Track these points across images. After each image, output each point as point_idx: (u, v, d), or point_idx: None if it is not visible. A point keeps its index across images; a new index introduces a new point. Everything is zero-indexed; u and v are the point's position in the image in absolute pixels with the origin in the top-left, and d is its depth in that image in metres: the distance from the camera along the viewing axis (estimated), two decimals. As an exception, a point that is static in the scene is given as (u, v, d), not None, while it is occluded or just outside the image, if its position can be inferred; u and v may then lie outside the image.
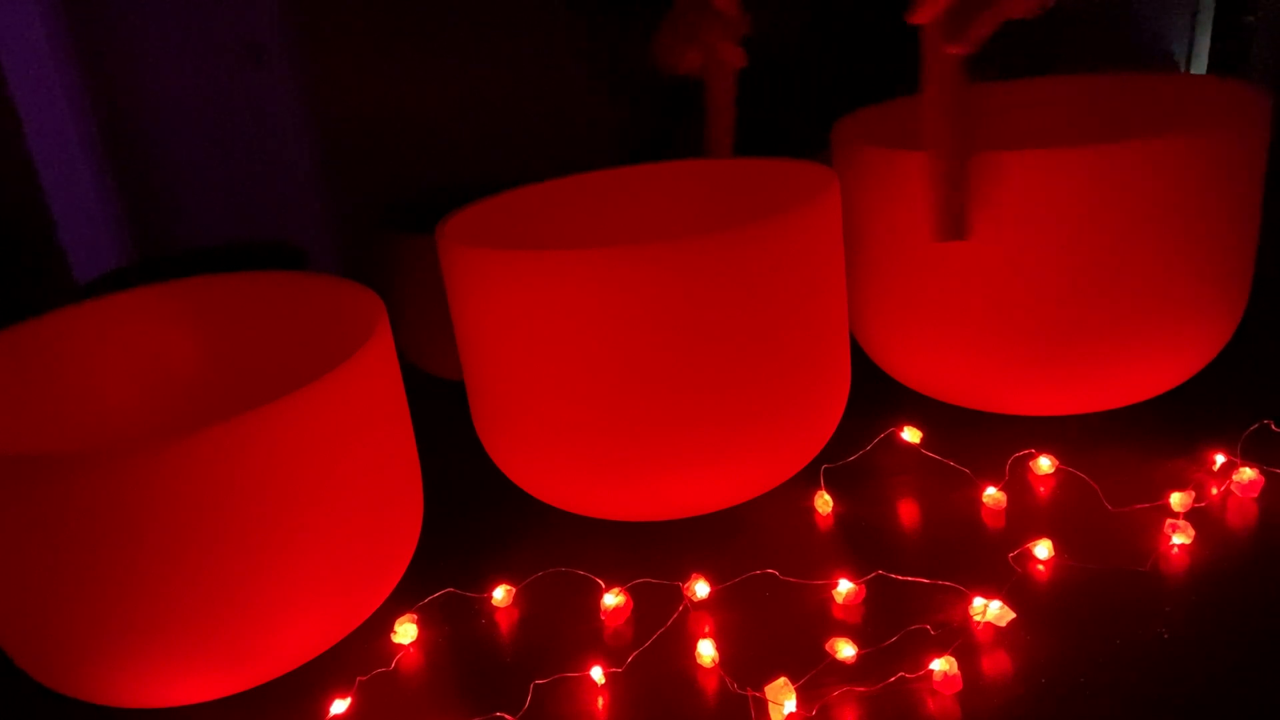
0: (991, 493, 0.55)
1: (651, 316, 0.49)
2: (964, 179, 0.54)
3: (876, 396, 0.65)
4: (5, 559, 0.41)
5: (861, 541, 0.54)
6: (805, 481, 0.58)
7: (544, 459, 0.54)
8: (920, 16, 0.53)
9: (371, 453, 0.46)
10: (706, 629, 0.48)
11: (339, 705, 0.45)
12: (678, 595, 0.50)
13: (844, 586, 0.49)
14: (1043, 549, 0.50)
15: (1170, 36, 1.04)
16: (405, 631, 0.50)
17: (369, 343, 0.46)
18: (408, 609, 0.51)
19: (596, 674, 0.45)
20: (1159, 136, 0.52)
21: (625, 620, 0.50)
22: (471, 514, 0.60)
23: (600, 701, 0.45)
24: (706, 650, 0.46)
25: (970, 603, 0.46)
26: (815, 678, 0.44)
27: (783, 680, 0.43)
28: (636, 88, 0.89)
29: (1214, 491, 0.53)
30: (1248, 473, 0.53)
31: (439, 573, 0.54)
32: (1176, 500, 0.52)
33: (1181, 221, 0.54)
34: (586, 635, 0.49)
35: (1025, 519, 0.53)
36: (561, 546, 0.56)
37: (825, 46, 0.91)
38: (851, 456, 0.60)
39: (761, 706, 0.43)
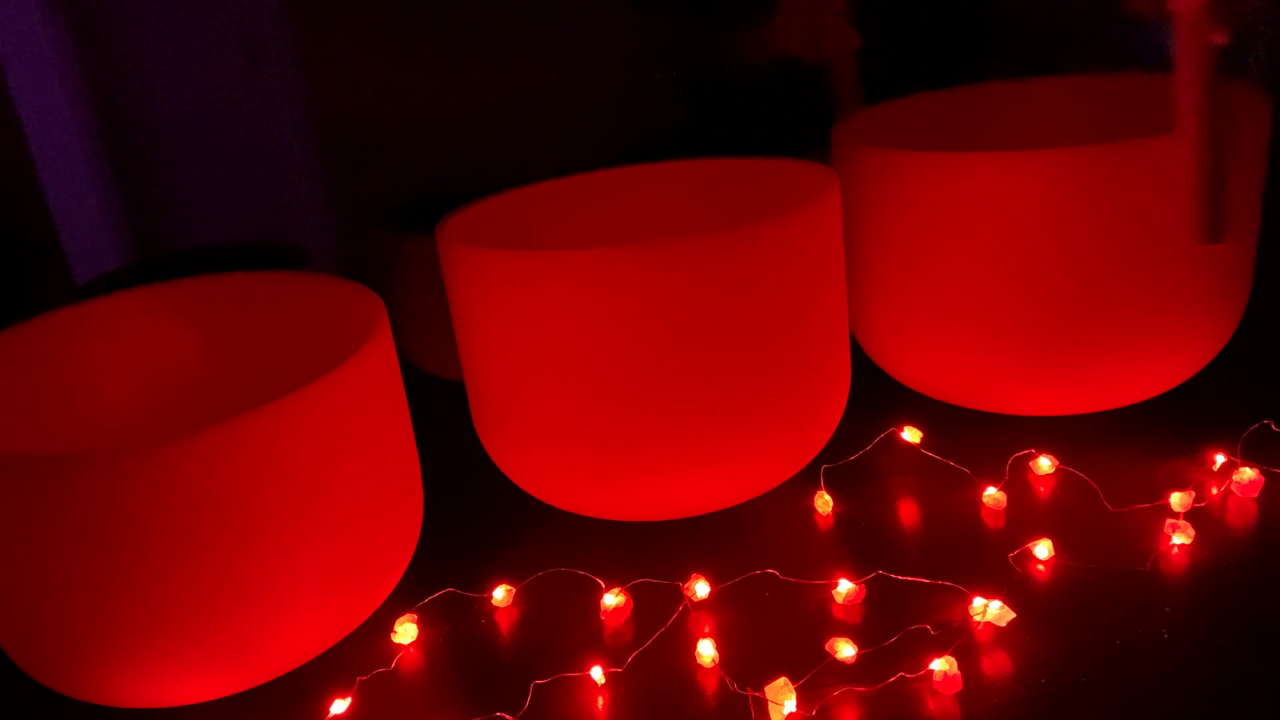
0: (991, 493, 0.55)
1: (651, 316, 0.49)
2: (1223, 172, 0.50)
3: (876, 396, 0.65)
4: (5, 559, 0.41)
5: (861, 541, 0.54)
6: (805, 481, 0.58)
7: (544, 459, 0.54)
8: (1181, 4, 0.51)
9: (371, 453, 0.46)
10: (706, 629, 0.48)
11: (339, 705, 0.45)
12: (678, 595, 0.50)
13: (844, 586, 0.49)
14: (1043, 549, 0.50)
15: (1170, 36, 1.04)
16: (405, 631, 0.50)
17: (369, 343, 0.46)
18: (408, 609, 0.51)
19: (596, 674, 0.45)
20: (1159, 136, 0.52)
21: (625, 620, 0.50)
22: (471, 514, 0.60)
23: (600, 701, 0.45)
24: (706, 650, 0.46)
25: (970, 603, 0.46)
26: (815, 678, 0.44)
27: (783, 680, 0.43)
28: (637, 88, 0.89)
29: (1214, 491, 0.53)
30: (1248, 473, 0.53)
31: (439, 573, 0.54)
32: (1176, 500, 0.52)
33: (1182, 221, 0.54)
34: (586, 635, 0.49)
35: (1025, 519, 0.53)
36: (561, 546, 0.56)
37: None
38: (851, 456, 0.60)
39: (761, 706, 0.43)
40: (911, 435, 0.60)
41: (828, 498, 0.57)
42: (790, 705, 0.42)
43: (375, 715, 0.46)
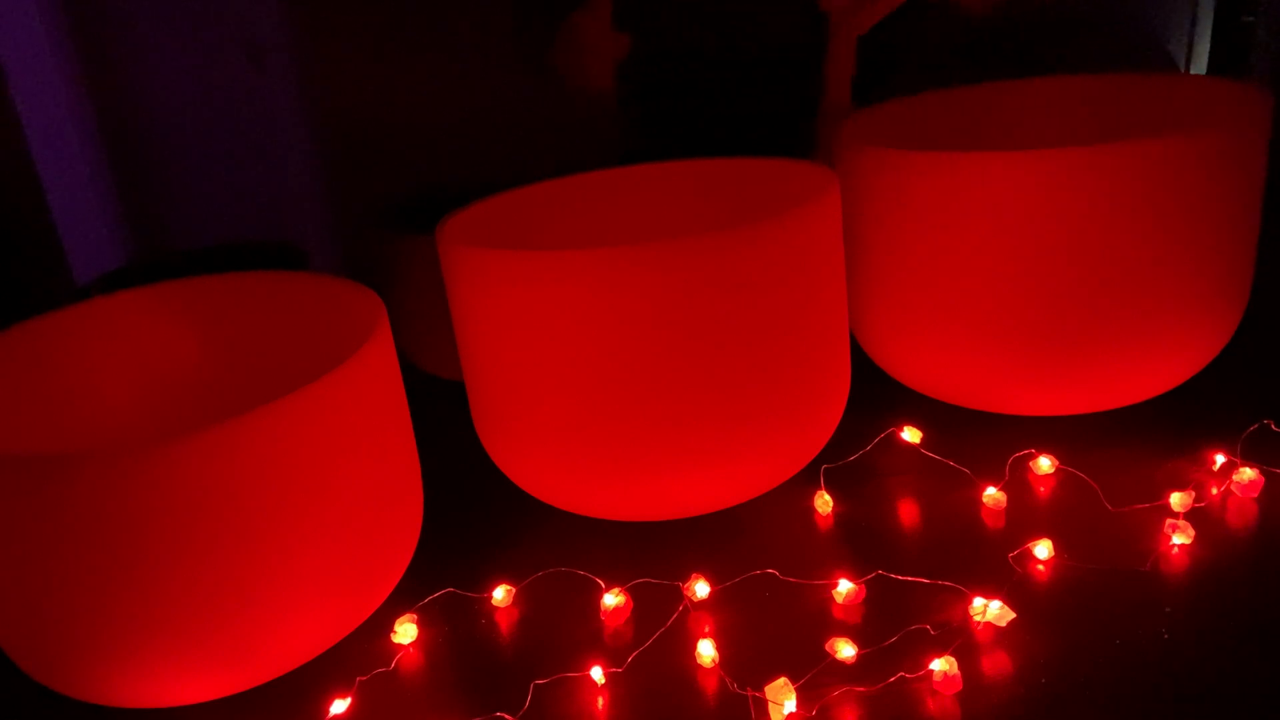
0: (991, 493, 0.55)
1: (651, 316, 0.49)
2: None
3: (876, 396, 0.65)
4: (5, 559, 0.41)
5: (861, 541, 0.54)
6: (805, 481, 0.58)
7: (544, 459, 0.54)
8: (830, 5, 0.77)
9: (371, 453, 0.46)
10: (706, 629, 0.48)
11: (339, 705, 0.45)
12: (678, 595, 0.50)
13: (844, 586, 0.49)
14: (1043, 549, 0.50)
15: (1170, 36, 1.04)
16: (405, 631, 0.50)
17: (369, 343, 0.46)
18: (408, 609, 0.51)
19: (596, 674, 0.45)
20: (1159, 136, 0.52)
21: (625, 620, 0.50)
22: (471, 514, 0.60)
23: (600, 701, 0.45)
24: (706, 650, 0.46)
25: (970, 603, 0.46)
26: (815, 678, 0.44)
27: (783, 680, 0.43)
28: (637, 88, 0.89)
29: (1214, 491, 0.53)
30: (1248, 473, 0.53)
31: (439, 573, 0.54)
32: (1176, 500, 0.52)
33: (1181, 221, 0.54)
34: (586, 635, 0.49)
35: (1025, 519, 0.53)
36: (561, 546, 0.56)
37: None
38: (851, 456, 0.60)
39: (761, 706, 0.43)
40: (911, 435, 0.60)
41: (828, 498, 0.57)
42: (790, 705, 0.42)
43: (375, 715, 0.46)
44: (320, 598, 0.45)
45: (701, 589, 0.50)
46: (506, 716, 0.44)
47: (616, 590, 0.50)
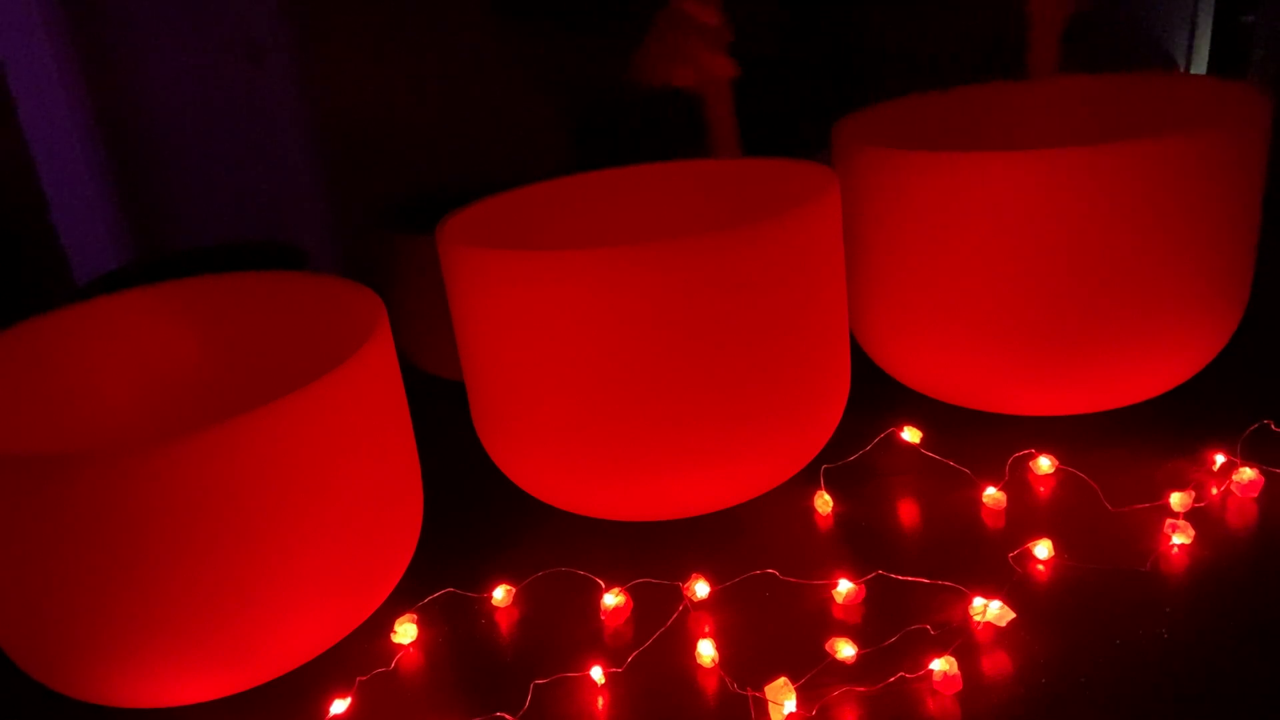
0: (991, 493, 0.55)
1: (651, 316, 0.49)
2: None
3: (876, 396, 0.65)
4: (5, 559, 0.41)
5: (861, 541, 0.54)
6: (805, 481, 0.58)
7: (544, 459, 0.54)
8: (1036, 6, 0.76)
9: (371, 453, 0.46)
10: (706, 629, 0.48)
11: (339, 705, 0.45)
12: (678, 595, 0.50)
13: (844, 586, 0.49)
14: (1043, 549, 0.50)
15: (1170, 36, 1.04)
16: (405, 631, 0.50)
17: (369, 343, 0.46)
18: (408, 609, 0.51)
19: (596, 674, 0.45)
20: (1159, 136, 0.52)
21: (625, 620, 0.50)
22: (471, 514, 0.60)
23: (600, 701, 0.45)
24: (706, 650, 0.46)
25: (970, 603, 0.46)
26: (815, 678, 0.44)
27: (783, 680, 0.43)
28: (635, 89, 0.89)
29: (1214, 491, 0.53)
30: (1248, 473, 0.53)
31: (439, 573, 0.54)
32: (1176, 500, 0.52)
33: (1181, 221, 0.54)
34: (586, 635, 0.49)
35: (1025, 519, 0.53)
36: (561, 546, 0.56)
37: (826, 47, 0.91)
38: (851, 456, 0.60)
39: (761, 706, 0.43)
40: (911, 435, 0.60)
41: (828, 498, 0.57)
42: (790, 705, 0.42)
43: (375, 715, 0.46)
44: (320, 598, 0.45)
45: (701, 589, 0.50)
46: (506, 716, 0.44)
47: (616, 590, 0.50)
